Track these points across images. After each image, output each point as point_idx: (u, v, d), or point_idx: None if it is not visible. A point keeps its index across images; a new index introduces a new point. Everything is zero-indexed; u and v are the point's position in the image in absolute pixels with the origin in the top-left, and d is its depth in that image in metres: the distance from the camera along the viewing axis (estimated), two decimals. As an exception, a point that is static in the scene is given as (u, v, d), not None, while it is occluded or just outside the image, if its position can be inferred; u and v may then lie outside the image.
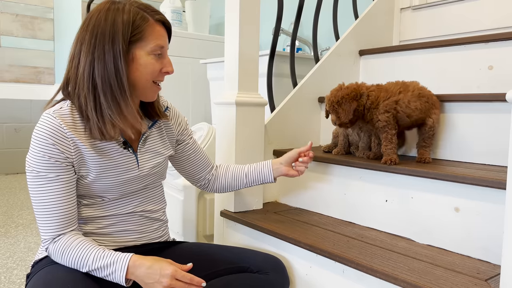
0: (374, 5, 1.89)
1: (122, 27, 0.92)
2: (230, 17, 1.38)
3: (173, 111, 1.16)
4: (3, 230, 2.19)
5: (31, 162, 0.91)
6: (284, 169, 1.21)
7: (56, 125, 0.91)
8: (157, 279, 0.88)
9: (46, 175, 0.91)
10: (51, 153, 0.91)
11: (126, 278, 0.89)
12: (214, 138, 1.73)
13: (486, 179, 0.99)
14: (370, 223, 1.25)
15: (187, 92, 2.87)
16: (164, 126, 1.13)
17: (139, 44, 0.94)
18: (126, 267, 0.89)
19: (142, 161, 1.05)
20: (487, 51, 1.46)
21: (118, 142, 1.00)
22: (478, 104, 1.24)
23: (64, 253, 0.91)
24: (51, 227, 0.92)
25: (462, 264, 0.98)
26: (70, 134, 0.92)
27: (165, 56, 1.00)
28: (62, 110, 0.94)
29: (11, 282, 1.58)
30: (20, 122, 3.82)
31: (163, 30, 0.98)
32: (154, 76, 0.98)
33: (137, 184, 1.05)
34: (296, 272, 1.19)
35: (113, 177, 0.99)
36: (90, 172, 0.96)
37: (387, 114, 1.21)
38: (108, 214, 1.02)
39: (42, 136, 0.91)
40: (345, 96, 1.23)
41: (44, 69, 3.97)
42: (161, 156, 1.10)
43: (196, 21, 3.12)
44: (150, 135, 1.08)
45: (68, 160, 0.93)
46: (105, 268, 0.89)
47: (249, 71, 1.40)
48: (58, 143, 0.91)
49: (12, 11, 3.77)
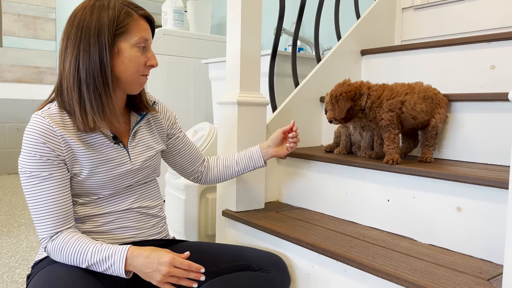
0: (376, 4, 1.89)
1: (107, 21, 0.95)
2: (231, 16, 1.38)
3: (161, 106, 1.19)
4: (5, 229, 2.19)
5: (23, 163, 0.93)
6: (272, 151, 1.26)
7: (45, 124, 0.93)
8: (156, 268, 0.89)
9: (39, 174, 0.93)
10: (42, 152, 0.92)
11: (126, 270, 0.90)
12: (216, 137, 1.73)
13: (488, 179, 0.99)
14: (372, 222, 1.25)
15: (188, 92, 2.87)
16: (153, 121, 1.14)
17: (123, 37, 0.97)
18: (124, 258, 0.89)
19: (134, 155, 1.06)
20: (489, 51, 1.46)
21: (108, 137, 1.01)
22: (481, 103, 1.24)
23: (62, 250, 0.92)
24: (48, 225, 0.93)
25: (464, 263, 0.98)
26: (59, 132, 0.94)
27: (149, 49, 1.03)
28: (50, 110, 0.96)
29: (13, 281, 1.58)
30: (22, 122, 3.83)
31: (146, 25, 1.01)
32: (139, 69, 1.00)
33: (130, 178, 1.06)
34: (298, 271, 1.19)
35: (106, 172, 1.00)
36: (83, 168, 0.97)
37: (391, 113, 1.20)
38: (104, 212, 1.03)
39: (33, 136, 0.92)
40: (343, 93, 1.23)
41: (46, 69, 3.97)
42: (152, 150, 1.11)
43: (198, 21, 3.12)
44: (140, 129, 1.10)
45: (60, 158, 0.94)
46: (104, 262, 0.90)
47: (250, 70, 1.40)
48: (49, 141, 0.93)
49: (14, 11, 3.78)
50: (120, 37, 0.97)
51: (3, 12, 3.72)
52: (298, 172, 1.48)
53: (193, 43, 2.88)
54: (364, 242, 1.12)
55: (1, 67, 3.75)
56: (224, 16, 3.43)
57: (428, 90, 1.25)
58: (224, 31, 3.42)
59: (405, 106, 1.21)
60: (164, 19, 2.96)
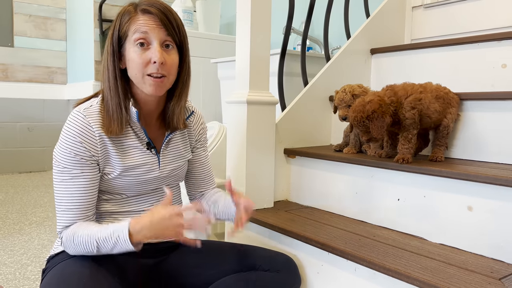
0: (386, 3, 1.88)
1: (113, 27, 0.97)
2: (241, 16, 1.39)
3: (197, 116, 1.16)
4: (17, 227, 2.22)
5: (58, 156, 0.95)
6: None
7: (85, 123, 0.94)
8: (163, 227, 0.88)
9: (71, 171, 0.94)
10: (78, 151, 0.94)
11: (133, 242, 0.89)
12: (225, 136, 1.73)
13: (499, 178, 0.98)
14: (382, 221, 1.25)
15: (198, 92, 2.88)
16: (187, 129, 1.13)
17: (127, 39, 0.96)
18: (127, 232, 0.88)
19: (164, 163, 1.06)
20: (500, 50, 1.45)
21: (142, 142, 1.02)
22: (492, 102, 1.23)
23: (74, 235, 0.93)
24: (69, 218, 0.95)
25: (475, 263, 0.97)
26: (98, 131, 0.95)
27: (152, 45, 0.95)
28: (92, 108, 0.97)
29: (25, 278, 1.60)
30: (33, 121, 3.87)
31: (146, 17, 0.95)
32: (141, 69, 0.94)
33: (156, 184, 1.06)
34: (307, 270, 1.19)
35: (134, 176, 1.01)
36: (115, 169, 0.98)
37: (413, 111, 1.18)
38: (125, 210, 1.04)
39: (70, 133, 0.94)
40: (376, 110, 1.14)
41: (56, 69, 4.01)
42: (182, 159, 1.11)
43: (207, 21, 3.13)
44: (174, 137, 1.09)
45: (94, 158, 0.96)
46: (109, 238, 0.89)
47: (260, 70, 1.40)
48: (85, 141, 0.94)
49: (26, 11, 3.82)
50: (124, 40, 0.96)
51: (15, 13, 3.76)
52: (307, 171, 1.48)
53: (202, 42, 2.89)
54: (374, 241, 1.12)
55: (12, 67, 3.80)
56: (233, 15, 3.43)
57: (439, 89, 1.24)
58: (233, 30, 3.43)
59: (422, 104, 1.20)
60: (173, 19, 2.97)
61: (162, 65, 0.94)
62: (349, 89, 1.39)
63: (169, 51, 0.97)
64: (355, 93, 1.38)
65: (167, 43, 0.96)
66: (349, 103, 1.37)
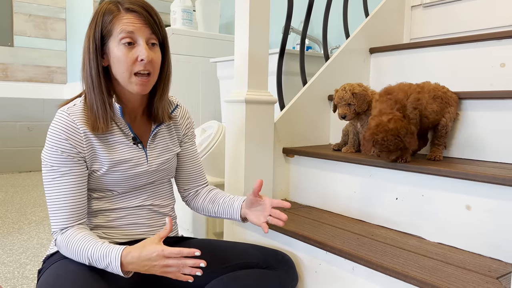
0: (385, 2, 1.88)
1: (94, 26, 0.97)
2: (240, 15, 1.39)
3: (183, 110, 1.18)
4: (16, 226, 2.22)
5: (46, 156, 0.96)
6: (250, 215, 1.09)
7: (69, 120, 0.96)
8: (150, 264, 0.88)
9: (59, 169, 0.95)
10: (64, 148, 0.95)
11: (124, 270, 0.89)
12: (223, 136, 1.73)
13: (498, 177, 0.98)
14: (380, 221, 1.25)
15: (197, 91, 2.88)
16: (173, 123, 1.14)
17: (110, 38, 0.96)
18: (119, 261, 0.88)
19: (151, 157, 1.07)
20: (499, 49, 1.45)
21: (128, 137, 1.03)
22: (491, 101, 1.23)
23: (68, 245, 0.93)
24: (61, 218, 0.95)
25: (473, 262, 0.97)
26: (83, 128, 0.96)
27: (138, 43, 0.96)
28: (75, 106, 0.99)
29: (24, 277, 1.60)
30: (33, 120, 3.87)
31: (131, 17, 0.96)
32: (128, 68, 0.96)
33: (146, 178, 1.07)
34: (305, 269, 1.19)
35: (123, 171, 1.02)
36: (102, 166, 0.99)
37: (415, 111, 1.18)
38: (117, 207, 1.04)
39: (56, 131, 0.95)
40: (405, 126, 1.11)
41: (56, 68, 4.02)
42: (170, 153, 1.12)
43: (206, 20, 3.13)
44: (160, 131, 1.10)
45: (80, 154, 0.97)
46: (102, 259, 0.89)
47: (258, 69, 1.40)
48: (71, 138, 0.95)
49: (25, 11, 3.82)
50: (107, 39, 0.97)
51: (15, 12, 3.77)
52: (306, 170, 1.48)
53: (202, 42, 2.89)
54: (372, 240, 1.12)
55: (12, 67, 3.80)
56: (232, 15, 3.43)
57: (437, 89, 1.24)
58: (232, 30, 3.43)
59: (421, 104, 1.19)
60: (173, 18, 2.97)
61: (149, 63, 0.97)
62: (349, 87, 1.39)
63: (154, 49, 1.00)
64: (355, 91, 1.37)
65: (152, 42, 0.99)
66: (349, 101, 1.37)
